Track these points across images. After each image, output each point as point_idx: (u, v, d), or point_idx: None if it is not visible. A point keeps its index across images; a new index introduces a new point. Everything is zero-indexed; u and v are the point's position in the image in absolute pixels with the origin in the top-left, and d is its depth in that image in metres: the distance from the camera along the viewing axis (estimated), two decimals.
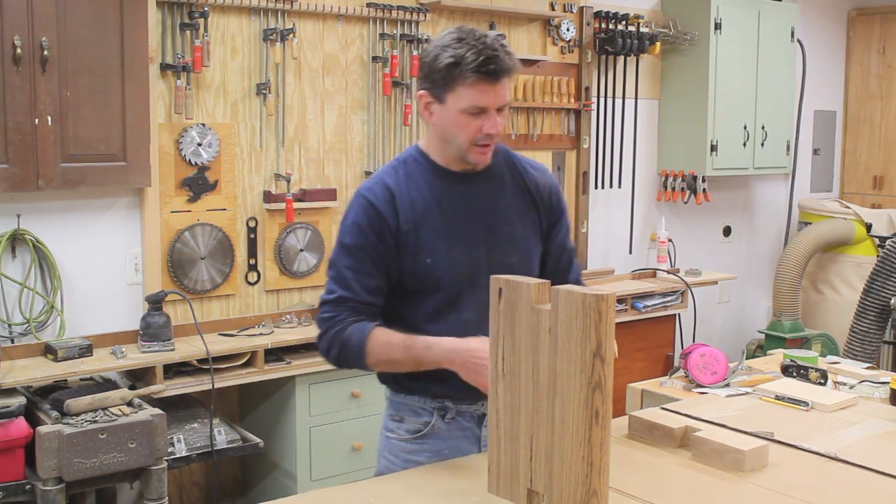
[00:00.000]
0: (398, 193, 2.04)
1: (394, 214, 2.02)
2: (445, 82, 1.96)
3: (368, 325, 2.00)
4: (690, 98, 5.27)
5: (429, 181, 2.07)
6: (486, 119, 1.97)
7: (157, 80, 3.63)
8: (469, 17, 4.52)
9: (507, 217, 2.11)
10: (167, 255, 3.72)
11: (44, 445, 2.83)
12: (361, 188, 2.08)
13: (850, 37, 6.45)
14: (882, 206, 6.15)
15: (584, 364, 1.55)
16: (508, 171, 2.15)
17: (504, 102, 1.99)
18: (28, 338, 3.40)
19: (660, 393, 2.58)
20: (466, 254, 2.05)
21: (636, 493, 1.80)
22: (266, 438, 3.60)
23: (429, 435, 2.12)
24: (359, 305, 2.01)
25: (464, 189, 2.08)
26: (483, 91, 1.94)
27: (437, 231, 2.04)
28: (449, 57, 1.94)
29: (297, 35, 3.94)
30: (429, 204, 2.05)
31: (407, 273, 2.04)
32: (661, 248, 5.21)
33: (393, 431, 2.16)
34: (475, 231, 2.07)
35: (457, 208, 2.06)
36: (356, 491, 1.86)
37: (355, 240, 2.02)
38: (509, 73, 1.97)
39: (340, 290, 2.02)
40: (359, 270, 2.01)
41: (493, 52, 1.93)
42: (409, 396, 2.13)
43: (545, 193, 2.17)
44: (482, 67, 1.92)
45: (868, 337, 4.96)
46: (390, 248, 2.02)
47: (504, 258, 2.08)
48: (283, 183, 3.96)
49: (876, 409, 2.39)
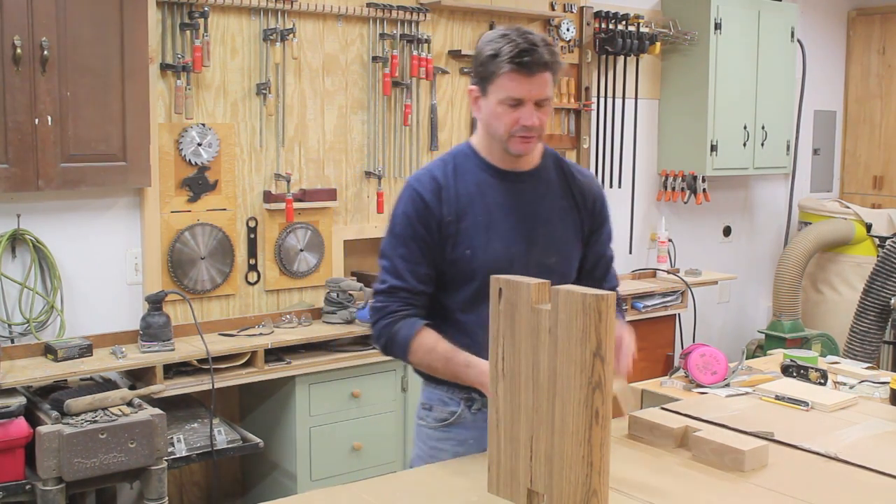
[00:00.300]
0: (445, 185, 2.12)
1: (439, 205, 2.10)
2: (487, 74, 2.05)
3: (418, 323, 2.07)
4: (690, 98, 5.27)
5: (476, 176, 2.14)
6: (523, 111, 2.03)
7: (157, 80, 3.63)
8: (469, 17, 4.52)
9: (550, 218, 2.17)
10: (167, 255, 3.72)
11: (44, 445, 2.83)
12: (411, 178, 2.17)
13: (850, 37, 6.45)
14: (882, 206, 6.15)
15: (584, 364, 1.55)
16: (556, 174, 2.21)
17: (542, 97, 2.04)
18: (28, 338, 3.40)
19: (660, 393, 2.58)
20: (504, 248, 2.11)
21: (636, 493, 1.80)
22: (266, 438, 3.60)
23: (454, 424, 2.19)
24: (410, 295, 2.09)
25: (509, 186, 2.15)
26: (518, 82, 2.01)
27: (478, 223, 2.11)
28: (490, 50, 2.03)
29: (297, 35, 3.94)
30: (473, 197, 2.12)
31: (446, 262, 2.11)
32: (661, 248, 5.21)
33: (423, 419, 2.25)
34: (516, 227, 2.13)
35: (500, 204, 2.13)
36: (356, 491, 1.86)
37: (404, 229, 2.11)
38: (547, 68, 2.02)
39: (392, 279, 2.10)
40: (409, 259, 2.09)
41: (532, 45, 2.00)
42: (439, 386, 2.20)
43: (590, 200, 2.24)
44: (517, 59, 1.99)
45: (868, 337, 4.96)
46: (435, 238, 2.10)
47: (543, 257, 2.15)
48: (283, 183, 3.96)
49: (876, 409, 2.39)
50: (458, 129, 4.55)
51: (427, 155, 4.41)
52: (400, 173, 4.33)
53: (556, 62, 2.05)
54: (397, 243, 2.11)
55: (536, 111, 2.05)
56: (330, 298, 3.87)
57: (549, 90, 2.06)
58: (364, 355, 3.72)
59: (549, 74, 2.04)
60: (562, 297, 1.58)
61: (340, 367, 3.69)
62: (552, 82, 2.07)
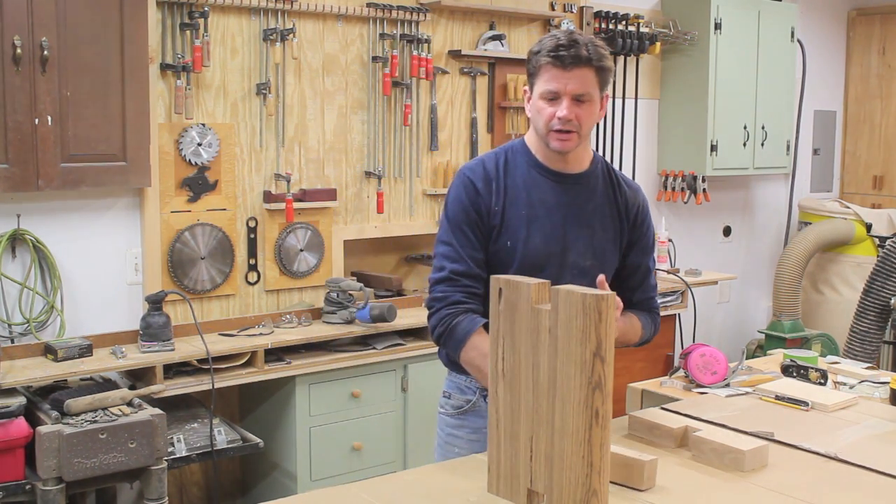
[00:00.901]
0: (494, 176, 2.18)
1: (488, 193, 2.16)
2: (531, 70, 2.14)
3: (477, 321, 2.11)
4: (690, 98, 5.27)
5: (524, 171, 2.20)
6: (560, 105, 2.08)
7: (157, 80, 3.63)
8: (469, 17, 4.52)
9: (591, 223, 2.22)
10: (167, 255, 3.72)
11: (44, 445, 2.83)
12: (464, 167, 2.24)
13: (850, 37, 6.45)
14: (882, 206, 6.15)
15: (584, 364, 1.55)
16: (603, 181, 2.26)
17: (580, 91, 2.07)
18: (28, 338, 3.40)
19: (660, 393, 2.58)
20: (544, 245, 2.16)
21: (636, 493, 1.80)
22: (266, 438, 3.60)
23: (469, 412, 2.27)
24: (471, 281, 2.14)
25: (555, 186, 2.19)
26: (555, 76, 2.07)
27: (521, 217, 2.16)
28: (536, 47, 2.12)
29: (297, 35, 3.94)
30: (519, 191, 2.17)
31: (489, 251, 2.17)
32: (661, 248, 5.21)
33: (443, 407, 2.34)
34: (557, 227, 2.18)
35: (544, 202, 2.18)
36: (356, 491, 1.86)
37: (458, 215, 2.17)
38: (586, 64, 2.06)
39: (451, 264, 2.15)
40: (466, 245, 2.15)
41: (572, 41, 2.06)
42: (459, 375, 2.29)
43: (633, 212, 2.28)
44: (553, 52, 2.06)
45: (868, 337, 4.96)
46: (486, 224, 2.17)
47: (579, 259, 2.20)
48: (283, 183, 3.96)
49: (876, 409, 2.39)
50: (459, 129, 4.55)
51: (427, 155, 4.41)
52: (400, 173, 4.33)
53: (598, 59, 2.08)
54: (454, 228, 2.17)
55: (575, 106, 2.08)
56: (330, 298, 3.87)
57: (588, 86, 2.08)
58: (364, 355, 3.72)
59: (591, 71, 2.08)
60: (562, 297, 1.58)
61: (340, 367, 3.69)
62: (596, 80, 2.10)
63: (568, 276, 2.18)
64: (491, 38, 4.57)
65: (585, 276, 2.17)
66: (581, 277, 2.18)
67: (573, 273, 2.19)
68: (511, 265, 2.15)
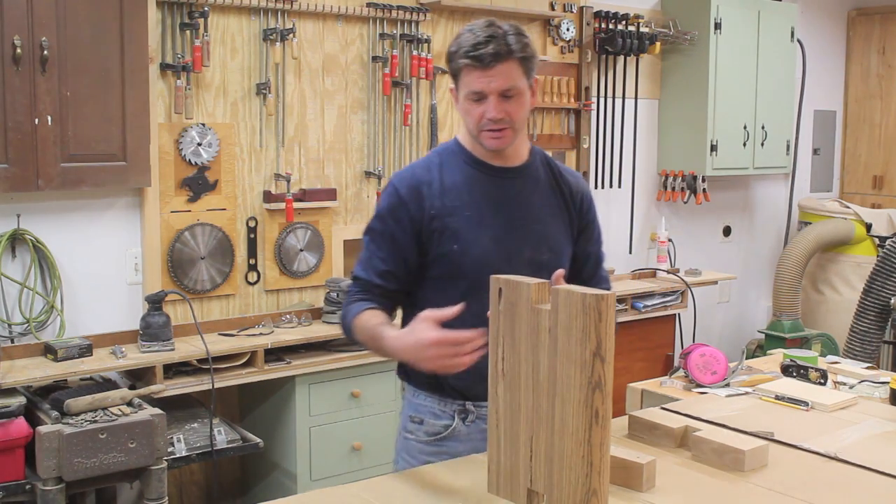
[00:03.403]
0: (428, 180, 2.09)
1: (418, 201, 2.07)
2: (453, 71, 2.05)
3: (364, 305, 2.05)
4: (690, 98, 5.27)
5: (463, 171, 2.11)
6: (487, 104, 2.00)
7: (157, 80, 3.63)
8: (469, 17, 4.52)
9: (541, 215, 2.14)
10: (167, 254, 3.72)
11: (44, 445, 2.83)
12: (394, 175, 2.17)
13: (850, 37, 6.45)
14: (882, 206, 6.15)
15: (584, 364, 1.55)
16: (545, 172, 2.18)
17: (505, 87, 1.99)
18: (28, 338, 3.40)
19: (660, 393, 2.58)
20: (495, 244, 2.08)
21: (636, 493, 1.80)
22: (266, 438, 3.60)
23: (448, 438, 2.13)
24: (369, 285, 2.09)
25: (498, 182, 2.11)
26: (477, 77, 1.99)
27: (466, 219, 2.07)
28: (453, 46, 2.03)
29: (297, 35, 3.94)
30: (461, 193, 2.09)
31: (433, 258, 2.08)
32: (661, 248, 5.21)
33: (412, 433, 2.17)
34: (506, 223, 2.10)
35: (489, 200, 2.10)
36: (356, 491, 1.86)
37: (376, 225, 2.13)
38: (506, 58, 1.97)
39: (357, 269, 2.13)
40: (374, 254, 2.10)
41: (488, 37, 1.97)
42: (430, 396, 2.15)
43: (578, 198, 2.21)
44: (470, 52, 1.97)
45: (868, 337, 4.96)
46: (409, 235, 2.08)
47: (534, 253, 2.11)
48: (283, 183, 3.96)
49: (876, 409, 2.39)
50: (458, 129, 4.54)
51: None
52: None
53: (520, 50, 1.99)
54: (369, 238, 2.14)
55: (503, 103, 2.00)
56: (330, 298, 3.87)
57: (514, 80, 1.99)
58: (364, 355, 3.72)
59: (514, 63, 1.98)
60: (562, 297, 1.58)
61: (340, 367, 3.69)
62: (521, 71, 2.00)
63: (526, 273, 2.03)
64: None
65: (543, 271, 2.02)
66: (539, 272, 2.02)
67: (532, 269, 2.02)
68: (463, 269, 2.06)
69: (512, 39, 1.99)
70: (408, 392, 2.21)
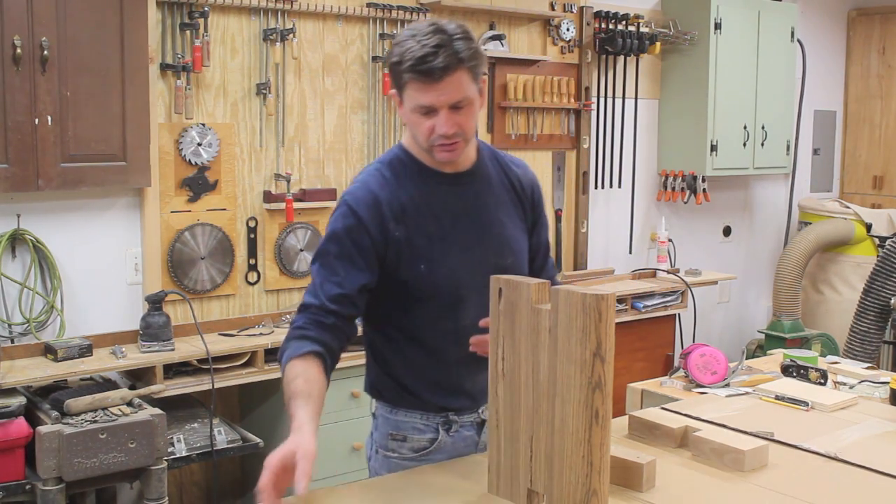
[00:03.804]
0: (385, 199, 1.94)
1: (379, 223, 1.93)
2: (396, 83, 1.90)
3: (304, 347, 1.85)
4: (690, 98, 5.27)
5: (417, 184, 1.98)
6: (438, 119, 1.87)
7: (157, 80, 3.63)
8: (469, 17, 4.52)
9: (498, 217, 2.05)
10: (167, 255, 3.72)
11: (44, 445, 2.83)
12: (346, 194, 1.98)
13: (850, 37, 6.45)
14: (882, 206, 6.15)
15: (584, 364, 1.55)
16: (494, 168, 2.08)
17: (456, 100, 1.85)
18: (28, 338, 3.40)
19: (660, 393, 2.58)
20: (462, 257, 1.98)
21: (636, 493, 1.80)
22: (266, 438, 3.60)
23: (435, 451, 2.06)
24: (322, 312, 1.89)
25: (454, 190, 2.00)
26: (424, 91, 1.84)
27: (430, 236, 1.96)
28: (394, 56, 1.87)
29: (297, 35, 3.94)
30: (419, 208, 1.96)
31: (401, 281, 1.96)
32: (661, 248, 5.21)
33: (394, 451, 2.08)
34: (469, 233, 2.00)
35: (448, 211, 1.99)
36: (356, 491, 1.86)
37: (330, 248, 1.93)
38: (456, 68, 1.83)
39: (307, 297, 1.93)
40: (328, 279, 1.91)
41: (435, 48, 1.81)
42: (411, 412, 2.06)
43: (528, 190, 2.13)
44: (417, 66, 1.82)
45: (868, 337, 4.96)
46: (371, 259, 1.93)
47: (499, 259, 2.01)
48: (283, 183, 3.96)
49: (876, 409, 2.39)
50: None
51: None
52: None
53: (469, 58, 1.84)
54: (320, 263, 1.93)
55: (455, 115, 1.87)
56: None
57: (465, 90, 1.86)
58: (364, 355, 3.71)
59: (464, 72, 1.84)
60: (562, 297, 1.58)
61: (340, 367, 3.64)
62: (471, 79, 1.87)
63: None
64: (491, 38, 4.57)
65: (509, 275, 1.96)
66: None
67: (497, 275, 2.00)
68: (432, 289, 1.96)
69: (460, 45, 1.84)
70: (382, 410, 2.11)
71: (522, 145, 4.77)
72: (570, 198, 5.05)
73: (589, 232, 5.13)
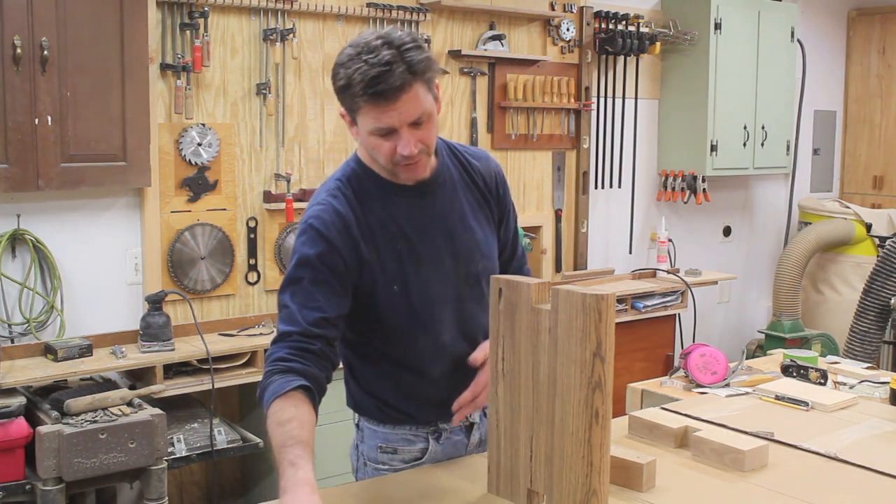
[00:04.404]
0: (350, 219, 1.85)
1: (351, 246, 1.84)
2: (347, 106, 1.78)
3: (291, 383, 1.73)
4: (690, 98, 5.27)
5: (379, 201, 1.88)
6: (399, 139, 1.75)
7: (157, 80, 3.63)
8: (469, 17, 4.52)
9: (465, 222, 1.96)
10: (167, 255, 3.72)
11: (44, 445, 2.83)
12: (310, 217, 1.86)
13: (850, 37, 6.45)
14: (882, 206, 6.15)
15: (584, 364, 1.55)
16: (454, 168, 1.98)
17: (416, 116, 1.74)
18: (28, 338, 3.40)
19: (660, 393, 2.58)
20: (433, 272, 1.91)
21: (636, 493, 1.80)
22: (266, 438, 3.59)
23: (426, 461, 2.02)
24: (302, 338, 1.78)
25: (417, 203, 1.91)
26: (381, 113, 1.72)
27: (400, 256, 1.88)
28: (342, 78, 1.73)
29: (297, 35, 3.94)
30: (386, 227, 1.87)
31: (375, 302, 1.88)
32: (661, 248, 5.21)
33: (385, 463, 2.01)
34: (437, 246, 1.92)
35: (416, 225, 1.90)
36: (355, 491, 1.86)
37: (304, 274, 1.81)
38: (410, 85, 1.71)
39: (281, 325, 1.82)
40: (306, 305, 1.79)
41: (386, 65, 1.68)
42: (399, 426, 2.00)
43: (491, 184, 2.03)
44: (369, 89, 1.69)
45: (868, 337, 4.96)
46: (346, 283, 1.84)
47: (469, 266, 1.95)
48: (283, 183, 3.96)
49: (876, 409, 2.39)
50: (459, 129, 4.55)
51: None
52: None
53: (422, 71, 1.72)
54: (293, 290, 1.82)
55: (416, 131, 1.76)
56: None
57: (423, 104, 1.74)
58: None
59: (419, 85, 1.72)
60: (562, 297, 1.58)
61: (340, 367, 3.68)
62: (426, 90, 1.75)
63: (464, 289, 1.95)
64: (491, 38, 4.57)
65: (481, 281, 1.94)
66: (478, 284, 1.95)
67: (469, 283, 1.95)
68: (409, 307, 1.89)
69: (412, 56, 1.70)
70: (367, 423, 2.04)
71: (522, 145, 4.77)
72: (570, 198, 5.05)
73: (589, 232, 5.13)
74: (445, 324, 1.94)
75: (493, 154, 4.51)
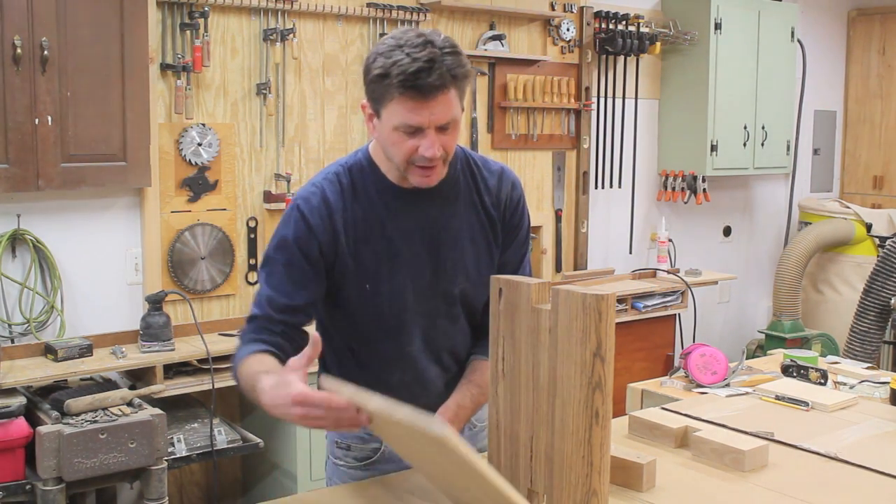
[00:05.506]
0: (337, 208, 1.83)
1: (329, 232, 1.82)
2: (377, 96, 1.75)
3: (254, 347, 1.78)
4: (690, 98, 5.27)
5: (373, 197, 1.86)
6: (423, 139, 1.73)
7: (157, 80, 3.63)
8: (469, 17, 4.52)
9: (458, 240, 1.91)
10: (167, 255, 3.72)
11: (44, 445, 2.83)
12: (299, 196, 1.86)
13: (850, 37, 6.45)
14: (882, 206, 6.15)
15: (584, 364, 1.55)
16: (465, 183, 1.93)
17: (446, 121, 1.73)
18: (28, 338, 3.40)
19: (660, 393, 2.58)
20: (410, 280, 1.88)
21: (636, 493, 1.80)
22: (266, 438, 3.60)
23: (378, 462, 2.01)
24: (269, 322, 1.81)
25: (412, 208, 1.87)
26: (413, 109, 1.70)
27: (378, 255, 1.85)
28: (378, 67, 1.72)
29: (297, 35, 3.94)
30: (372, 224, 1.85)
31: (345, 297, 1.87)
32: (661, 248, 5.21)
33: (340, 459, 2.04)
34: (420, 257, 1.88)
35: (403, 231, 1.86)
36: (356, 491, 1.86)
37: (278, 256, 1.84)
38: (450, 86, 1.70)
39: (253, 307, 1.84)
40: (276, 289, 1.82)
41: (428, 62, 1.67)
42: None
43: (501, 205, 1.96)
44: (410, 82, 1.67)
45: (868, 337, 4.96)
46: (319, 268, 1.83)
47: (449, 286, 1.91)
48: (284, 183, 3.96)
49: (876, 409, 2.39)
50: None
51: None
52: None
53: (462, 75, 1.72)
54: (268, 270, 1.84)
55: (441, 136, 1.74)
56: None
57: (454, 111, 1.73)
58: None
59: (454, 91, 1.71)
60: (562, 297, 1.58)
61: None
62: (458, 97, 1.73)
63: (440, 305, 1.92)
64: (491, 38, 4.58)
65: (458, 302, 1.92)
66: (454, 304, 1.92)
67: (446, 302, 1.92)
68: (377, 309, 1.87)
69: (451, 62, 1.69)
70: None
71: (522, 145, 4.77)
72: (570, 198, 5.05)
73: (589, 232, 5.13)
74: (413, 335, 1.92)
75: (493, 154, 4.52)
